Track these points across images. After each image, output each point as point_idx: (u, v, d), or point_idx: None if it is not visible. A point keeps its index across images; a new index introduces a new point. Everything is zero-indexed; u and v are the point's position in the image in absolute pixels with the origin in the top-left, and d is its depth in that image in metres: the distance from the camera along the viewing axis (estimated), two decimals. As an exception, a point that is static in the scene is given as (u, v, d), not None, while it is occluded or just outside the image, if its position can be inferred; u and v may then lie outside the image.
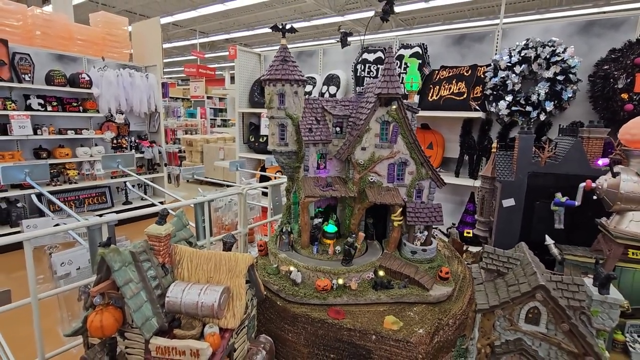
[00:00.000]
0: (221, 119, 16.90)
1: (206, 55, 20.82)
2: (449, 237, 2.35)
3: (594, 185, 1.31)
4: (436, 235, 2.06)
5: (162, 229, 1.05)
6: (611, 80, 2.97)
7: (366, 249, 1.65)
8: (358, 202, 1.51)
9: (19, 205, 5.78)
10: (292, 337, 1.29)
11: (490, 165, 1.84)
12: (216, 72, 15.48)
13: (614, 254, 1.20)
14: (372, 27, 16.71)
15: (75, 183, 6.44)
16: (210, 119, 15.64)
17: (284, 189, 1.89)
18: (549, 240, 1.40)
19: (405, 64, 3.94)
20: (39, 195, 5.28)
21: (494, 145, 1.85)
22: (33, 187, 5.58)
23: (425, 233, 1.54)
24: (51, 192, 4.88)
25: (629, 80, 2.85)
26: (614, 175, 1.21)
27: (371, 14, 14.27)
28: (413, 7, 13.15)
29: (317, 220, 1.60)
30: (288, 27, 1.34)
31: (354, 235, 1.51)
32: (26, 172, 2.18)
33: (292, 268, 1.43)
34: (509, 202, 1.73)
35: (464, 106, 3.66)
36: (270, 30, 1.42)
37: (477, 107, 3.59)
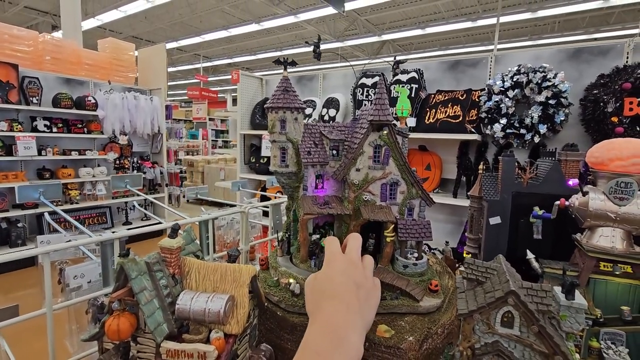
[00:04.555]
0: (222, 140, 17.14)
1: (209, 79, 21.31)
2: (443, 254, 2.43)
3: (567, 203, 1.43)
4: (427, 251, 2.15)
5: (174, 242, 1.16)
6: (601, 104, 3.10)
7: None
8: (353, 219, 1.61)
9: (19, 225, 5.78)
10: (290, 346, 1.36)
11: (478, 186, 1.95)
12: (218, 95, 15.83)
13: (587, 267, 1.31)
14: (371, 52, 17.22)
15: (77, 203, 6.49)
16: (212, 140, 15.88)
17: (285, 208, 2.00)
18: (529, 255, 1.50)
19: (397, 92, 4.12)
20: (50, 213, 5.34)
21: (480, 167, 1.97)
22: (34, 208, 5.71)
23: (416, 254, 1.63)
24: (53, 212, 4.94)
25: (617, 104, 2.98)
26: (584, 194, 1.33)
27: (371, 39, 14.76)
28: (410, 34, 13.66)
29: (315, 237, 1.70)
30: (289, 61, 1.49)
31: (372, 241, 1.58)
32: (40, 191, 2.29)
33: (291, 280, 1.51)
34: (495, 220, 1.84)
35: (459, 129, 3.80)
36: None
37: (473, 130, 3.72)
